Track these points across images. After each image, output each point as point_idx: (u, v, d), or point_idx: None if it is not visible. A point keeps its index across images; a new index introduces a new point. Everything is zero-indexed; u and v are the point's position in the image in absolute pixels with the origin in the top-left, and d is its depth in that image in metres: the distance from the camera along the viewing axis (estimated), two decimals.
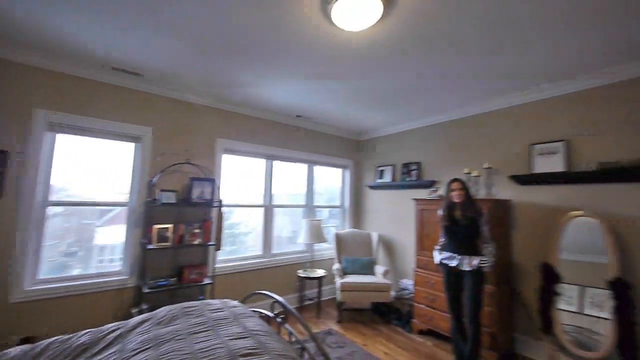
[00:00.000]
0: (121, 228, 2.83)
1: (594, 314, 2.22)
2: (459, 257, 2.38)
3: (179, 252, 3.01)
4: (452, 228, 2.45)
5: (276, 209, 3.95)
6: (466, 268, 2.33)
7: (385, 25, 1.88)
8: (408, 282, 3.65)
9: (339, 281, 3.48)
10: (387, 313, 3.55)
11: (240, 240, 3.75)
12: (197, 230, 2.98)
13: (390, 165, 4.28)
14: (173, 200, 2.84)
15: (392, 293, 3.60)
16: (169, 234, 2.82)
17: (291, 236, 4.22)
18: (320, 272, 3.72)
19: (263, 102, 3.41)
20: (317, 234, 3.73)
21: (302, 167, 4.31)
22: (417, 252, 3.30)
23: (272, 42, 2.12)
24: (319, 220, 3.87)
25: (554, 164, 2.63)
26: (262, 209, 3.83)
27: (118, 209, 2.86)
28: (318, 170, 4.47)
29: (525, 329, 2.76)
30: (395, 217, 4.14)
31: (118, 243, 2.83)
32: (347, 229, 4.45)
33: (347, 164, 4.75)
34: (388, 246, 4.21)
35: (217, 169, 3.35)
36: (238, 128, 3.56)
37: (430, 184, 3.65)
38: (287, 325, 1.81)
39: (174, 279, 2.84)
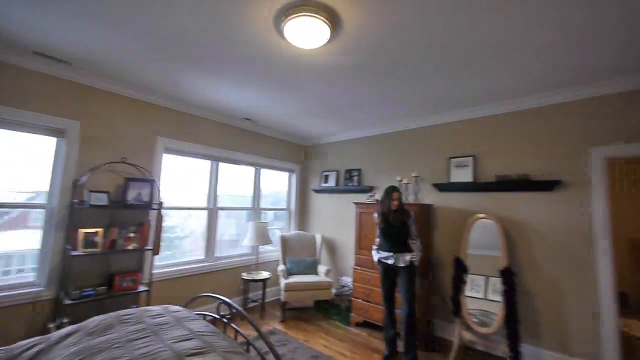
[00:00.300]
0: (34, 233, 2.50)
1: (495, 299, 2.74)
2: (395, 255, 2.69)
3: (110, 259, 2.78)
4: (388, 230, 2.74)
5: (221, 212, 3.89)
6: (401, 264, 2.65)
7: (332, 47, 2.09)
8: (348, 280, 3.94)
9: (283, 282, 3.59)
10: (327, 309, 3.79)
11: (178, 244, 3.59)
12: (132, 235, 2.79)
13: (335, 170, 4.56)
14: (104, 202, 2.62)
15: (333, 290, 3.85)
16: (98, 238, 2.59)
17: (236, 239, 4.19)
18: (265, 274, 3.78)
19: (209, 103, 3.35)
20: (262, 236, 3.78)
21: (249, 170, 4.31)
22: (356, 252, 3.60)
23: (223, 50, 2.16)
24: (265, 222, 3.93)
25: (465, 175, 3.18)
26: (205, 212, 3.73)
27: (18, 210, 2.50)
28: (265, 173, 4.52)
29: (441, 314, 3.25)
30: (337, 219, 4.42)
31: (29, 250, 2.49)
32: (292, 231, 4.59)
33: (294, 168, 4.90)
34: (331, 247, 4.47)
35: (157, 169, 3.17)
36: (181, 127, 3.42)
37: (369, 189, 4.02)
38: (233, 325, 1.86)
39: (103, 287, 2.61)
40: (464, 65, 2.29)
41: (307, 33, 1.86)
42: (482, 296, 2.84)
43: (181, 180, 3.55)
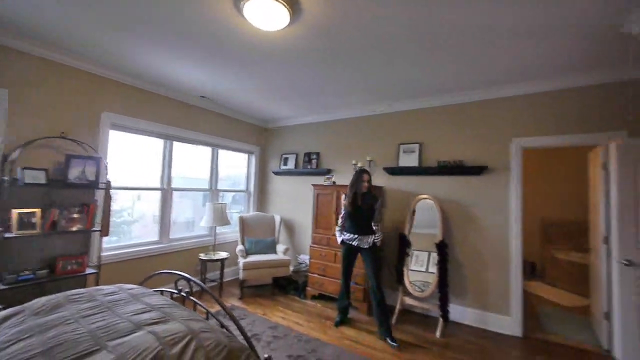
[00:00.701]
0: None
1: (434, 271, 3.12)
2: (359, 237, 2.84)
3: (52, 241, 2.59)
4: (355, 212, 2.85)
5: (176, 193, 3.78)
6: (364, 246, 2.82)
7: (293, 31, 2.13)
8: (305, 257, 4.16)
9: (242, 261, 3.67)
10: (285, 285, 3.98)
11: (126, 230, 3.45)
12: (76, 215, 2.62)
13: (294, 153, 4.66)
14: (42, 181, 2.41)
15: (291, 268, 4.04)
16: (36, 219, 2.40)
17: (192, 221, 4.12)
18: (223, 255, 3.82)
19: (162, 78, 3.17)
20: (220, 218, 3.78)
21: (206, 150, 4.21)
22: (313, 231, 3.80)
23: (182, 26, 2.08)
24: (223, 204, 3.92)
25: (412, 160, 3.51)
26: (159, 193, 3.60)
27: None
28: (223, 154, 4.44)
29: (387, 283, 3.63)
30: (296, 201, 4.57)
31: None
32: (251, 212, 4.64)
33: (254, 149, 4.88)
34: (289, 227, 4.63)
35: (103, 146, 2.97)
36: (130, 102, 3.21)
37: (327, 172, 4.21)
38: (192, 298, 1.92)
39: (44, 271, 2.45)
40: (414, 59, 2.50)
41: (266, 15, 1.89)
42: (424, 269, 3.23)
43: (132, 159, 3.36)
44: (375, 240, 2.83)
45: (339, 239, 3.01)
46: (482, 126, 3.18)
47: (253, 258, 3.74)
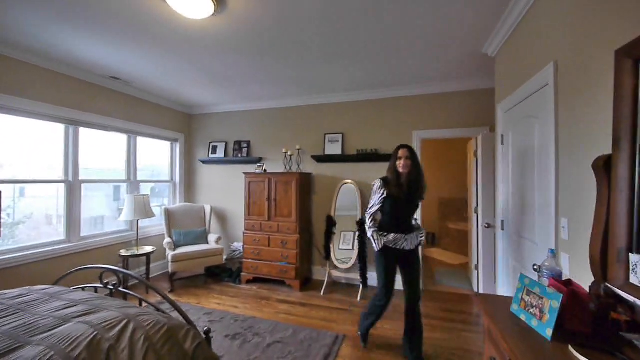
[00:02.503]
0: None
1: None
2: (407, 236, 2.13)
3: None
4: (398, 204, 2.13)
5: (85, 186, 3.38)
6: (410, 247, 2.15)
7: (219, 20, 2.16)
8: (238, 244, 4.23)
9: (170, 253, 3.56)
10: (219, 274, 4.01)
11: (7, 234, 2.97)
12: None
13: (223, 141, 4.59)
14: None
15: (224, 256, 4.08)
16: None
17: (109, 215, 3.75)
18: (148, 249, 3.61)
19: (62, 53, 2.76)
20: (143, 210, 3.55)
21: (121, 138, 3.83)
22: (246, 218, 3.90)
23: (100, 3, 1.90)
24: (146, 195, 3.67)
25: (336, 148, 3.89)
26: (63, 185, 3.18)
27: None
28: (142, 142, 4.10)
29: (317, 261, 4.02)
30: (227, 189, 4.55)
31: None
32: (178, 204, 4.44)
33: (178, 137, 4.61)
34: (221, 216, 4.60)
35: None
36: (17, 80, 2.71)
37: (258, 160, 4.31)
38: (122, 289, 1.88)
39: None
40: (332, 59, 2.79)
41: (189, 3, 1.89)
42: (351, 248, 3.68)
43: (25, 148, 2.87)
44: (421, 238, 2.24)
45: (379, 244, 2.15)
46: (392, 119, 3.73)
47: (183, 250, 3.65)
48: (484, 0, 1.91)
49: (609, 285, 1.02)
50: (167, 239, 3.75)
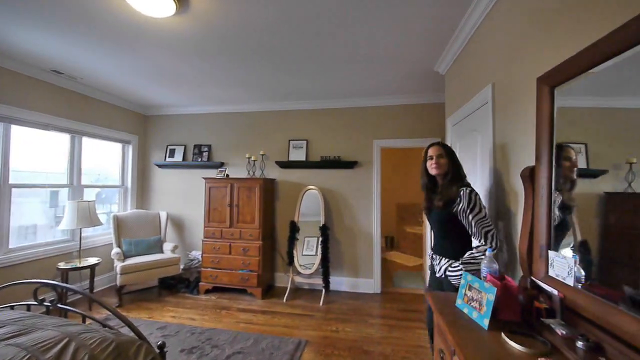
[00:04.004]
0: None
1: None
2: (436, 257, 1.69)
3: None
4: (429, 214, 1.73)
5: (16, 190, 2.99)
6: (438, 273, 1.65)
7: (180, 21, 2.10)
8: (197, 253, 4.04)
9: (119, 265, 3.28)
10: (175, 285, 3.78)
11: None
12: None
13: (182, 145, 4.38)
14: None
15: (181, 266, 3.86)
16: None
17: (44, 223, 3.35)
18: (92, 260, 3.29)
19: None
20: (87, 218, 3.23)
21: (63, 138, 3.47)
22: (205, 225, 3.74)
23: None
24: (91, 201, 3.36)
25: (301, 154, 3.93)
26: None
27: None
28: (89, 143, 3.75)
29: (280, 267, 3.99)
30: (186, 195, 4.33)
31: None
32: (129, 210, 4.12)
33: (131, 139, 4.30)
34: (178, 223, 4.36)
35: None
36: None
37: (220, 165, 4.18)
38: (61, 305, 1.69)
39: None
40: (294, 69, 2.85)
41: (150, 0, 1.82)
42: (314, 253, 3.71)
43: None
44: (450, 273, 1.56)
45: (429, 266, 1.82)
46: (354, 128, 3.88)
47: (134, 260, 3.39)
48: (435, 24, 2.11)
49: (534, 279, 1.18)
50: (116, 249, 3.45)
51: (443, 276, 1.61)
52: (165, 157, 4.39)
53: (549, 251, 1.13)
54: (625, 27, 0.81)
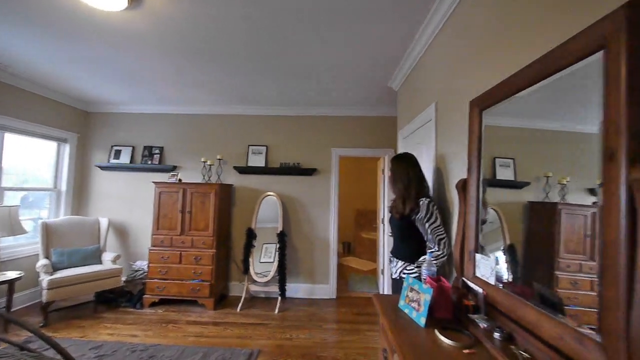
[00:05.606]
0: None
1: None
2: (393, 260, 1.83)
3: None
4: (390, 220, 1.88)
5: None
6: (394, 275, 1.80)
7: (133, 15, 1.98)
8: (142, 263, 3.74)
9: (46, 279, 2.90)
10: (115, 299, 3.44)
11: None
12: None
13: (130, 146, 4.06)
14: None
15: (123, 278, 3.53)
16: None
17: None
18: (11, 275, 2.87)
19: None
20: (7, 225, 2.82)
21: None
22: (154, 232, 3.49)
23: None
24: (13, 207, 2.94)
25: (260, 160, 3.89)
26: None
27: None
28: (13, 139, 3.30)
29: (235, 276, 3.86)
30: (132, 200, 4.01)
31: None
32: (62, 217, 3.68)
33: (69, 137, 3.87)
34: (122, 231, 4.00)
35: None
36: None
37: (172, 169, 3.95)
38: None
39: None
40: (257, 70, 2.85)
41: None
42: (271, 260, 3.65)
43: None
44: (404, 274, 1.69)
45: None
46: (314, 136, 3.96)
47: (65, 273, 3.03)
48: (387, 43, 2.27)
49: (464, 279, 1.32)
50: (43, 261, 3.05)
51: (399, 277, 1.74)
52: (110, 158, 4.02)
53: (475, 254, 1.28)
54: (538, 61, 0.96)
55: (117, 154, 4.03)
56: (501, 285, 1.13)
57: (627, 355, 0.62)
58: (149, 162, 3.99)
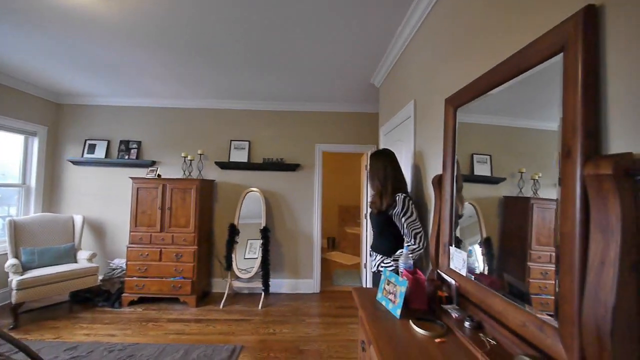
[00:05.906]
0: None
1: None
2: (373, 254, 1.90)
3: None
4: (370, 215, 1.92)
5: None
6: (373, 269, 1.86)
7: (108, 4, 1.89)
8: (121, 261, 3.62)
9: (15, 279, 2.77)
10: (91, 298, 3.33)
11: None
12: None
13: (105, 139, 3.90)
14: None
15: (100, 276, 3.42)
16: None
17: None
18: None
19: None
20: None
21: None
22: (131, 229, 3.39)
23: None
24: None
25: (242, 156, 3.84)
26: None
27: None
28: None
29: (218, 273, 3.82)
30: (108, 196, 3.86)
31: None
32: (32, 214, 3.51)
33: (38, 130, 3.67)
34: (98, 228, 3.86)
35: None
36: None
37: (151, 164, 3.83)
38: None
39: None
40: (241, 63, 2.79)
41: None
42: (256, 256, 3.61)
43: None
44: (382, 267, 1.74)
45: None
46: (297, 131, 3.94)
47: (36, 273, 2.90)
48: (369, 41, 2.28)
49: (439, 271, 1.37)
50: (12, 260, 2.90)
51: (377, 271, 1.79)
52: (84, 152, 3.85)
53: (450, 247, 1.33)
54: (505, 62, 1.00)
55: (92, 149, 3.87)
56: (473, 276, 1.18)
57: (580, 340, 0.66)
58: (126, 157, 3.85)
